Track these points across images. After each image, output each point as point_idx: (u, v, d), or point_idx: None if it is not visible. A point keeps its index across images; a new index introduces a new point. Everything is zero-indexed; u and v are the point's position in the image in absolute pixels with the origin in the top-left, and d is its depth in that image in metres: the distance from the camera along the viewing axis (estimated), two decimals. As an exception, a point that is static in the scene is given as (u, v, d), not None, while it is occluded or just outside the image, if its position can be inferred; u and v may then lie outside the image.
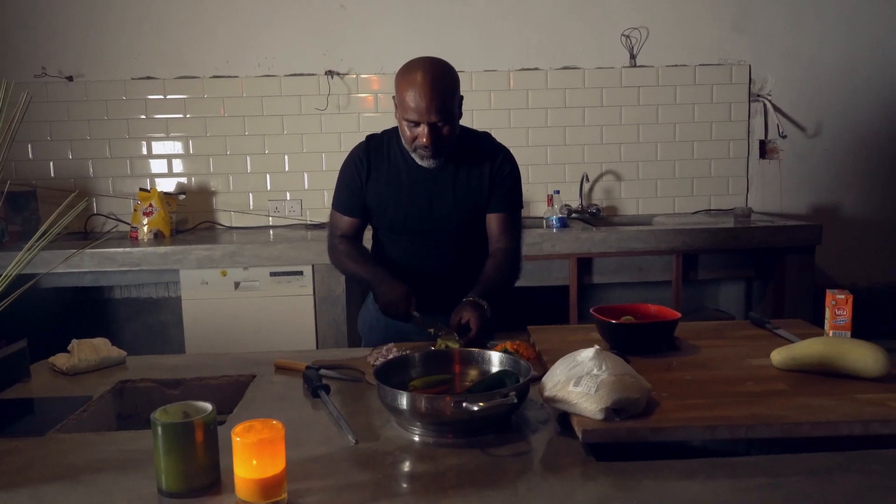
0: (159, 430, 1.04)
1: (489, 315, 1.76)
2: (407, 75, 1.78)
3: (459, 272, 1.94)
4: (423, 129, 1.78)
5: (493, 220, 1.97)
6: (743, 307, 3.56)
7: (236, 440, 1.01)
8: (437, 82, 1.76)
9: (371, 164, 1.95)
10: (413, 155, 1.87)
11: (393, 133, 1.97)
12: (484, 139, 2.00)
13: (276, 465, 1.01)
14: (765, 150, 3.71)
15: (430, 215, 1.93)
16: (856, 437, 1.19)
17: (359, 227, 2.03)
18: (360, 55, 3.54)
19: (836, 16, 3.64)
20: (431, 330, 1.72)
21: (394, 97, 1.84)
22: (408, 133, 1.82)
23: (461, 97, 1.85)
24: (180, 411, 1.09)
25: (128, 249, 3.01)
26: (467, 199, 1.93)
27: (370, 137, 2.00)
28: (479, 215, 1.97)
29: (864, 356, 1.37)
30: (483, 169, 1.94)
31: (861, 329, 1.61)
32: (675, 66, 3.62)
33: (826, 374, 1.40)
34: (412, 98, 1.75)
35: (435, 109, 1.75)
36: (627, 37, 3.60)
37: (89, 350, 1.69)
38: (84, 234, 3.49)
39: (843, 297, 1.60)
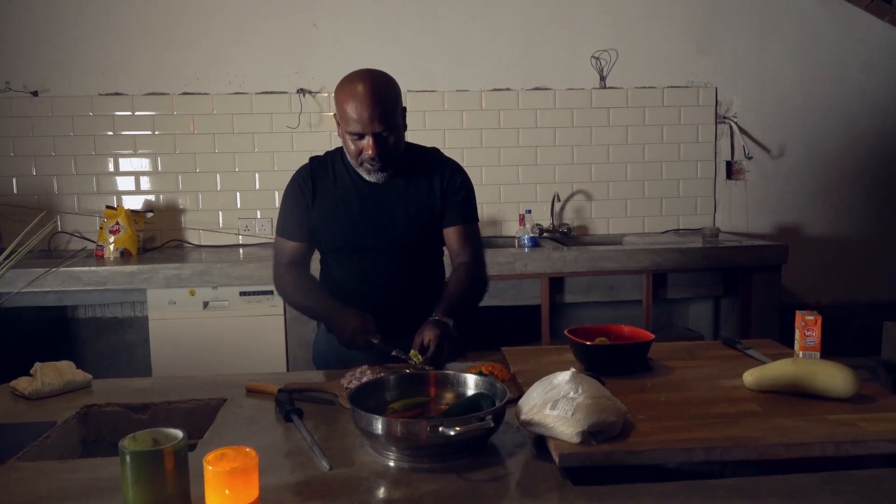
0: (127, 458, 1.01)
1: (455, 333, 1.72)
2: (347, 88, 1.74)
3: (413, 289, 1.90)
4: (367, 141, 1.74)
5: (451, 234, 1.93)
6: (711, 325, 3.60)
7: (208, 469, 0.98)
8: (378, 92, 1.72)
9: (316, 185, 1.89)
10: (360, 170, 1.83)
11: (337, 153, 1.93)
12: (432, 153, 1.97)
13: (249, 493, 0.99)
14: (731, 170, 3.79)
15: (383, 232, 1.87)
16: (827, 458, 1.20)
17: (305, 253, 1.94)
18: (332, 74, 3.51)
19: (798, 40, 3.74)
20: (395, 352, 1.65)
21: (335, 114, 1.82)
22: (352, 147, 1.77)
23: (404, 108, 1.82)
24: (149, 438, 1.06)
25: (93, 268, 2.94)
26: (419, 214, 1.89)
27: (313, 159, 1.95)
28: (431, 230, 1.92)
29: (834, 377, 1.39)
30: (433, 182, 1.91)
31: (825, 347, 1.63)
32: (644, 87, 3.69)
33: (797, 394, 1.42)
34: (354, 110, 1.71)
35: (378, 118, 1.72)
36: (597, 59, 3.65)
37: (53, 373, 1.64)
38: (48, 252, 3.41)
39: (812, 318, 1.62)
